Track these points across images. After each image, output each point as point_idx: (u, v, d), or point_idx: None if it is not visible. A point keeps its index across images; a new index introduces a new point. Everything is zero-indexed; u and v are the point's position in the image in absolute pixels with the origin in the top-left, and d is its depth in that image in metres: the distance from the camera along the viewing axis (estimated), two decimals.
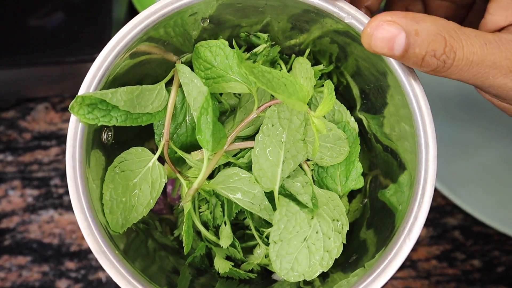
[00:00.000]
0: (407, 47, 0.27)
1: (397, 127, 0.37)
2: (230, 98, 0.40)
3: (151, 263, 0.36)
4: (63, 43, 0.52)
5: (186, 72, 0.34)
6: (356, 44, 0.37)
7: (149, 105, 0.35)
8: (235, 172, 0.35)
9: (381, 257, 0.30)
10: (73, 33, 0.52)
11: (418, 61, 0.28)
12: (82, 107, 0.31)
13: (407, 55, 0.28)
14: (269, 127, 0.34)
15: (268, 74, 0.32)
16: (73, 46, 0.52)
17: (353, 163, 0.38)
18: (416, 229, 0.30)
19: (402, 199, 0.35)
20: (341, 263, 0.36)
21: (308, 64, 0.37)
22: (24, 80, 0.56)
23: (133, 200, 0.34)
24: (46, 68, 0.53)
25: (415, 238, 0.30)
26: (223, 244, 0.38)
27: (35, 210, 0.58)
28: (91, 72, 0.32)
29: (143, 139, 0.45)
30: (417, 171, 0.31)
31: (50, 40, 0.52)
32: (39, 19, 0.53)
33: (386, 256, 0.30)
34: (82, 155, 0.31)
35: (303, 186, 0.33)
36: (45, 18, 0.53)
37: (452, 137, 0.60)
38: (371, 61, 0.37)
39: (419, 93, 0.32)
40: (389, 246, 0.31)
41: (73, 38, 0.52)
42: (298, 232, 0.31)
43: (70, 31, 0.52)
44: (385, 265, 0.30)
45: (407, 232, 0.30)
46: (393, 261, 0.30)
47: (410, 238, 0.30)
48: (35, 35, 0.52)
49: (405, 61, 0.29)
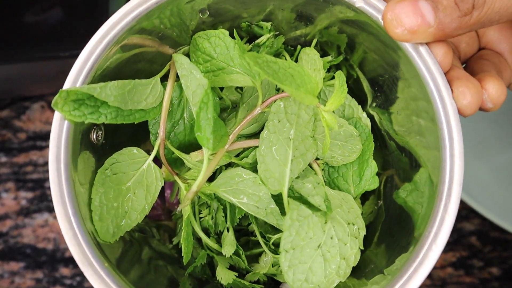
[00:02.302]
0: (433, 4, 0.25)
1: (414, 122, 0.34)
2: (231, 94, 0.37)
3: (147, 275, 0.33)
4: (59, 38, 0.50)
5: (185, 63, 0.31)
6: (366, 34, 0.34)
7: (143, 101, 0.32)
8: (238, 173, 0.32)
9: (405, 265, 0.27)
10: (69, 28, 0.50)
11: (453, 11, 0.25)
12: (67, 103, 0.28)
13: (440, 12, 0.25)
14: (275, 123, 0.31)
15: (273, 65, 0.29)
16: (69, 41, 0.50)
17: (367, 162, 0.35)
18: (443, 233, 0.27)
19: (419, 199, 0.32)
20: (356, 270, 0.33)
21: (316, 55, 0.34)
22: (18, 77, 0.54)
23: (126, 205, 0.31)
24: (41, 64, 0.51)
25: (442, 244, 0.27)
26: (226, 252, 0.35)
27: (29, 214, 0.56)
28: (77, 65, 0.29)
29: (138, 140, 0.42)
30: (441, 169, 0.28)
31: (45, 34, 0.50)
32: (35, 14, 0.51)
33: (410, 263, 0.27)
34: (68, 156, 0.28)
35: (314, 187, 0.30)
36: (41, 12, 0.51)
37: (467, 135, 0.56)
38: (383, 51, 0.34)
39: (441, 82, 0.29)
40: (414, 253, 0.27)
41: (68, 33, 0.50)
42: (311, 238, 0.28)
43: (65, 26, 0.51)
44: (410, 274, 0.27)
45: (433, 237, 0.27)
46: (419, 268, 0.27)
47: (437, 243, 0.27)
48: (30, 29, 0.50)
49: (444, 19, 0.26)
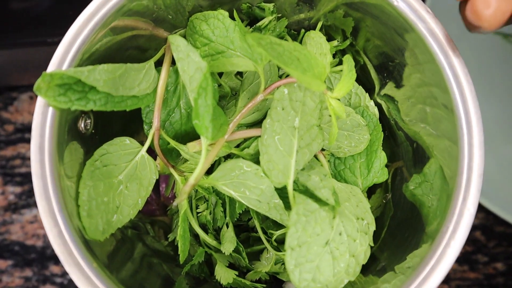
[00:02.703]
0: None
1: (425, 110, 0.32)
2: (231, 80, 0.35)
3: (140, 274, 0.31)
4: (47, 23, 0.48)
5: (181, 45, 0.29)
6: (373, 17, 0.32)
7: (135, 86, 0.29)
8: (238, 165, 0.30)
9: (421, 263, 0.25)
10: (57, 12, 0.48)
11: None
12: (52, 87, 0.25)
13: None
14: (279, 111, 0.29)
15: (278, 47, 0.27)
16: (57, 26, 0.48)
17: (376, 153, 0.33)
18: (462, 229, 0.25)
19: (428, 192, 0.30)
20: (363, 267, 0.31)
21: (321, 38, 0.32)
22: (4, 64, 0.51)
23: (117, 200, 0.28)
24: (28, 51, 0.48)
25: (461, 240, 0.25)
26: (225, 249, 0.33)
27: (17, 209, 0.54)
28: (61, 46, 0.27)
29: (132, 130, 0.40)
30: (458, 160, 0.26)
31: (31, 19, 0.48)
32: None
33: (426, 262, 0.25)
34: (53, 146, 0.26)
35: (321, 179, 0.28)
36: None
37: None
38: (392, 36, 0.32)
39: (458, 66, 0.27)
40: (430, 250, 0.25)
41: (56, 18, 0.48)
42: (318, 235, 0.26)
43: (53, 10, 0.48)
44: (427, 273, 0.25)
45: (451, 233, 0.25)
46: (437, 267, 0.25)
47: (456, 239, 0.25)
48: (17, 14, 0.48)
49: None
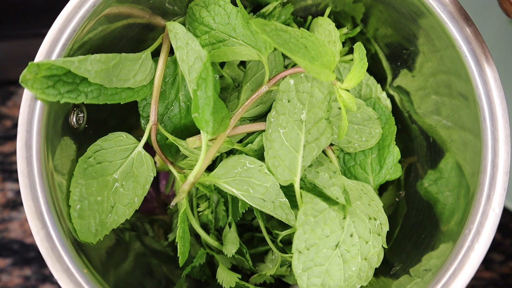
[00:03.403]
0: None
1: (443, 101, 0.29)
2: (233, 71, 0.33)
3: (137, 279, 0.29)
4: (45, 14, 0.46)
5: (180, 32, 0.27)
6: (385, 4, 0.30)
7: (131, 78, 0.28)
8: (241, 162, 0.28)
9: (442, 268, 0.23)
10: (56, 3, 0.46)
11: None
12: (39, 79, 0.23)
13: None
14: (285, 104, 0.27)
15: (284, 33, 0.25)
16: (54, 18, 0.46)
17: (388, 148, 0.31)
18: (487, 230, 0.23)
19: (444, 188, 0.29)
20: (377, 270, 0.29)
21: (330, 25, 0.30)
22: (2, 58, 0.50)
23: (112, 199, 0.27)
24: (26, 43, 0.47)
25: (486, 242, 0.23)
26: (228, 251, 0.32)
27: (16, 206, 0.52)
28: (50, 34, 0.25)
29: (129, 126, 0.38)
30: (482, 155, 0.24)
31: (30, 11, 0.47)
32: None
33: (447, 266, 0.23)
34: (41, 142, 0.24)
35: (330, 176, 0.26)
36: None
37: None
38: (406, 21, 0.30)
39: (481, 52, 0.25)
40: (452, 253, 0.23)
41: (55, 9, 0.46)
42: (328, 236, 0.24)
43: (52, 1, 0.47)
44: (448, 279, 0.23)
45: (474, 235, 0.23)
46: (459, 273, 0.23)
47: (480, 241, 0.23)
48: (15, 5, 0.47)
49: None
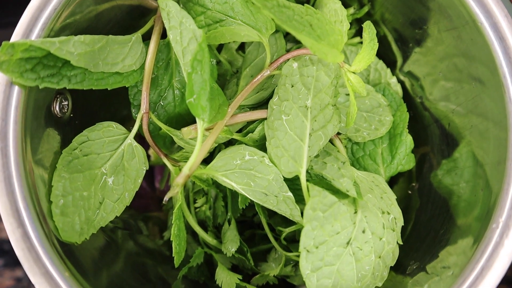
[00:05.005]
0: None
1: (461, 85, 0.27)
2: (231, 56, 0.30)
3: (130, 281, 0.26)
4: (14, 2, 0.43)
5: (173, 11, 0.24)
6: None
7: (119, 62, 0.25)
8: (240, 152, 0.25)
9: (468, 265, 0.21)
10: None
11: None
12: (15, 61, 0.21)
13: None
14: (288, 89, 0.25)
15: (287, 10, 0.22)
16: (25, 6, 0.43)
17: (400, 137, 0.29)
18: None
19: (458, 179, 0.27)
20: None
21: (337, 3, 0.27)
22: None
23: (100, 194, 0.24)
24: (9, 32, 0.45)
25: None
26: (227, 250, 0.30)
27: None
28: (28, 12, 0.23)
29: (122, 118, 0.36)
30: (509, 144, 0.22)
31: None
32: None
33: (473, 264, 0.21)
34: (18, 132, 0.22)
35: (339, 167, 0.23)
36: None
37: None
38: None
39: (506, 27, 0.23)
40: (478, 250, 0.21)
41: None
42: (338, 233, 0.22)
43: None
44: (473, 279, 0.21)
45: (503, 229, 0.21)
46: (487, 272, 0.21)
47: (509, 236, 0.21)
48: None
49: None
